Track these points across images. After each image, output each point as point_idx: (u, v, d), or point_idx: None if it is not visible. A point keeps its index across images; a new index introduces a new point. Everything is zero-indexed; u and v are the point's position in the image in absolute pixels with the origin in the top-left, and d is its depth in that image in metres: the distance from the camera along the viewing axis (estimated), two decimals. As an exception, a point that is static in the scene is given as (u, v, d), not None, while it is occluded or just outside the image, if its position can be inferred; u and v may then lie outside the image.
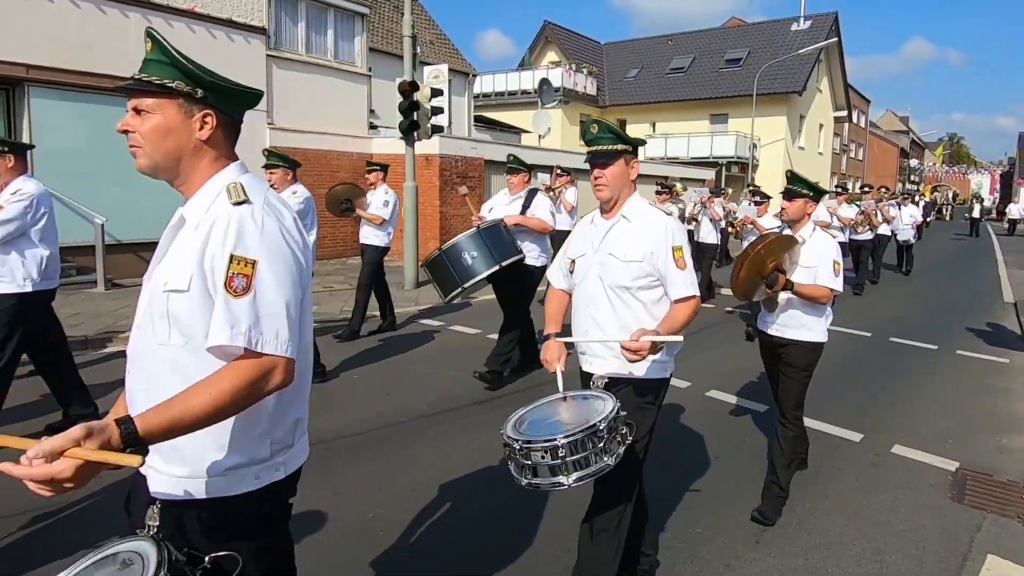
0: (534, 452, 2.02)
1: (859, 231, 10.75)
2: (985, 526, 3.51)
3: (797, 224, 3.68)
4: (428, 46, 18.66)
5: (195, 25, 10.79)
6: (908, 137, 61.04)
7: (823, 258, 3.49)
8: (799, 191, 3.62)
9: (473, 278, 4.94)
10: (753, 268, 3.32)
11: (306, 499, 3.51)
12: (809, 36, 28.04)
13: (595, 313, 2.51)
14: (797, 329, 3.59)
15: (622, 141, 2.44)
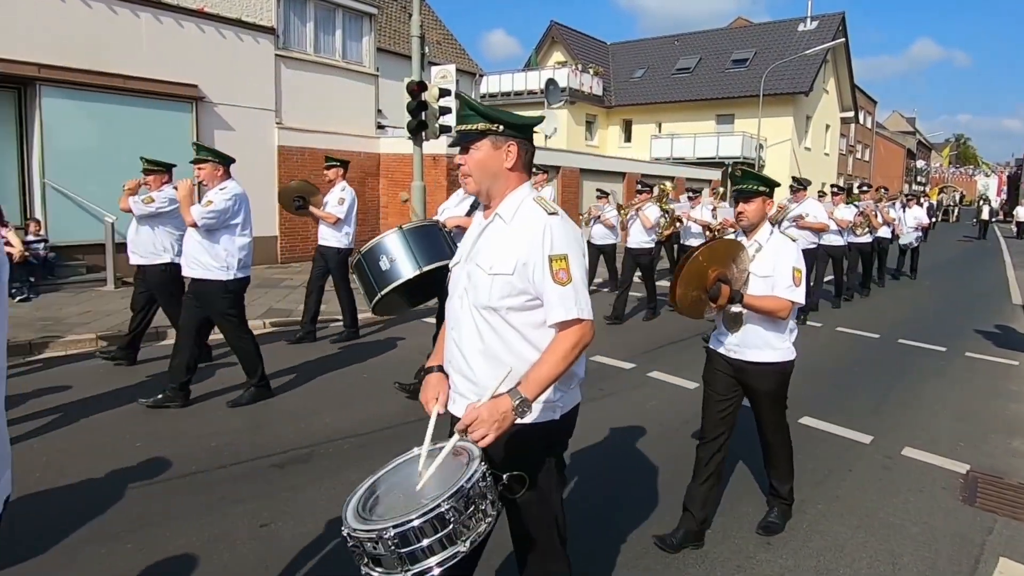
0: (368, 543, 1.59)
1: (858, 233, 10.15)
2: (997, 529, 3.48)
3: (755, 228, 3.16)
4: (435, 46, 18.69)
5: (204, 25, 10.82)
6: (915, 138, 60.70)
7: (782, 265, 3.01)
8: (755, 188, 3.12)
9: (391, 283, 4.32)
10: (691, 280, 2.86)
11: (314, 498, 3.52)
12: (816, 37, 27.90)
13: (458, 338, 1.96)
14: (760, 349, 3.09)
15: (486, 119, 1.90)
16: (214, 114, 10.97)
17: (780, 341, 3.12)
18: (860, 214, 10.05)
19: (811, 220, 8.15)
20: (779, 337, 3.11)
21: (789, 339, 3.17)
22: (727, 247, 2.99)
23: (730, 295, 2.91)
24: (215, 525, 3.22)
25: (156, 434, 4.30)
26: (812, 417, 5.01)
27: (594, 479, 3.90)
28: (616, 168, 19.21)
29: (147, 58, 10.12)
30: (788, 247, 3.08)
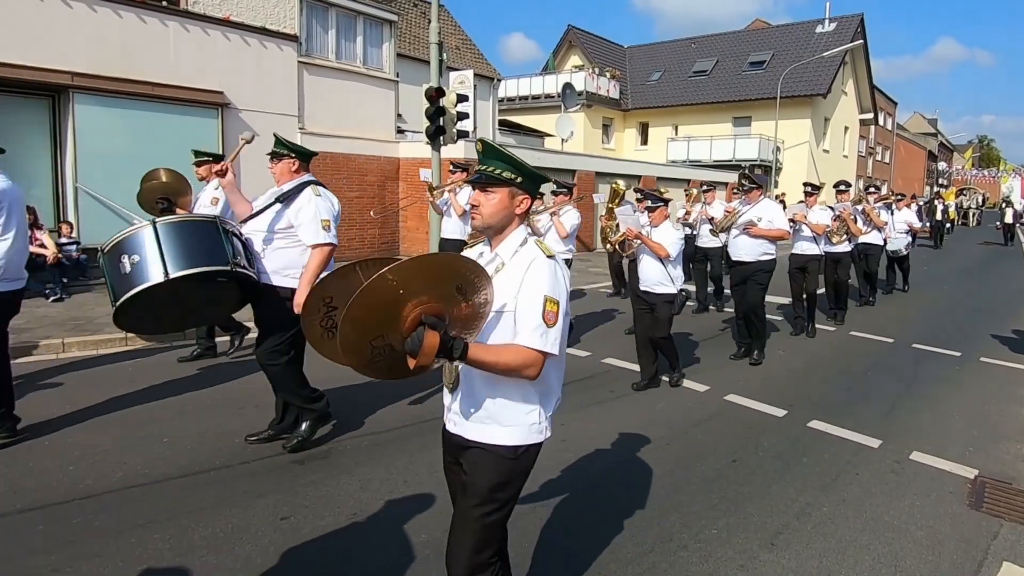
0: None
1: (834, 241, 8.41)
2: (1002, 534, 3.48)
3: (500, 235, 2.06)
4: (454, 51, 18.84)
5: (230, 33, 11.06)
6: (936, 140, 59.62)
7: (528, 294, 1.92)
8: (496, 174, 1.99)
9: (130, 290, 3.53)
10: (369, 317, 1.68)
11: (334, 493, 3.64)
12: (834, 38, 27.61)
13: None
14: (484, 425, 2.03)
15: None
16: (239, 120, 11.20)
17: (514, 414, 2.00)
18: (836, 218, 8.41)
19: (765, 226, 6.46)
20: (513, 408, 2.00)
21: (536, 415, 2.03)
22: (447, 263, 1.80)
23: (442, 346, 1.70)
24: (238, 517, 3.34)
25: (183, 430, 4.45)
26: (821, 421, 5.02)
27: (602, 478, 3.96)
28: (632, 171, 19.19)
29: (175, 66, 10.37)
30: (541, 267, 1.94)
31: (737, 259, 6.63)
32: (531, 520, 3.44)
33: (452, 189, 7.49)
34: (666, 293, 5.51)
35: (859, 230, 8.87)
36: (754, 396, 5.58)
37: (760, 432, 4.84)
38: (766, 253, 6.54)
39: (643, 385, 5.74)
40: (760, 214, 6.50)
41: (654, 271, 5.53)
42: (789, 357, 7.09)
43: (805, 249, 7.92)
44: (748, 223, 6.46)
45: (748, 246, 6.52)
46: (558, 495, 3.72)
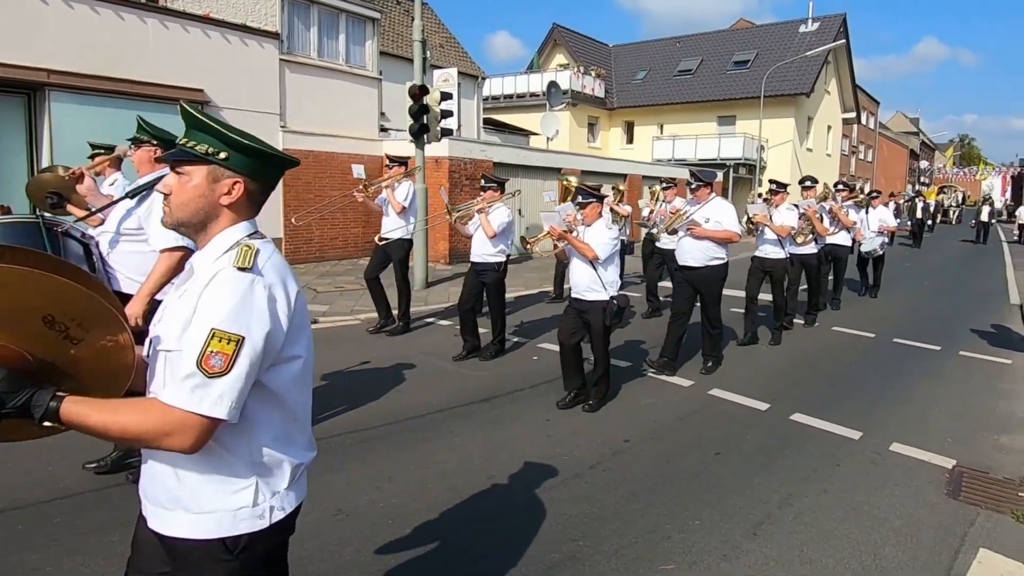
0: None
1: (799, 241, 7.99)
2: (979, 521, 3.59)
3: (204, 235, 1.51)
4: (438, 49, 18.84)
5: (210, 30, 11.00)
6: (918, 139, 60.60)
7: (193, 327, 1.34)
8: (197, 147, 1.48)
9: None
10: None
11: (320, 490, 3.66)
12: (817, 38, 27.96)
13: None
14: (168, 511, 1.47)
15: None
16: (219, 118, 11.13)
17: (210, 496, 1.44)
18: (801, 216, 7.89)
19: (712, 227, 5.87)
20: (207, 487, 1.44)
21: (251, 490, 1.47)
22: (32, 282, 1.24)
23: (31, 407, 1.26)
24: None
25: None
26: (804, 414, 5.12)
27: (588, 472, 4.02)
28: (617, 170, 19.32)
29: (153, 63, 10.29)
30: (220, 286, 1.37)
31: (683, 263, 6.11)
32: (516, 513, 3.49)
33: (389, 185, 7.08)
34: (597, 300, 4.90)
35: (825, 229, 8.29)
36: (738, 390, 5.67)
37: (744, 426, 4.92)
38: (715, 258, 5.95)
39: (568, 400, 5.08)
40: (708, 214, 5.95)
41: (584, 275, 4.91)
42: (773, 352, 7.20)
43: (769, 252, 7.37)
44: (692, 224, 5.94)
45: (694, 249, 6.01)
46: (544, 489, 3.77)
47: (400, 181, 7.08)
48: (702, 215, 5.95)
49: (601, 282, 4.88)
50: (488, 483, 3.82)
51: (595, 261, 4.86)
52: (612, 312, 4.88)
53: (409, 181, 7.26)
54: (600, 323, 4.92)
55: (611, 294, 4.91)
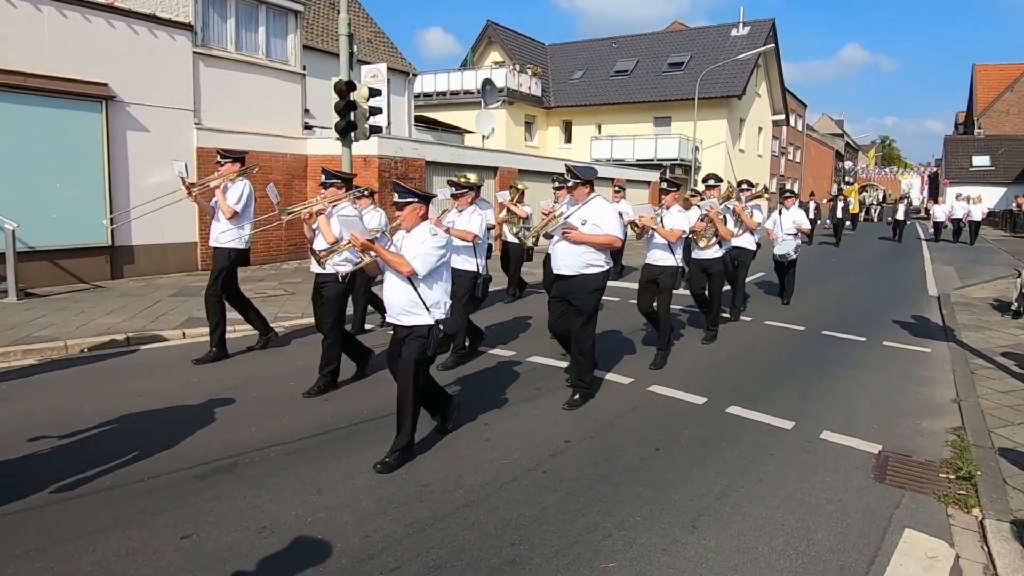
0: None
1: (701, 245, 7.36)
2: (904, 503, 3.82)
3: None
4: (366, 44, 18.58)
5: (115, 20, 10.43)
6: (843, 140, 64.39)
7: None
8: None
9: None
10: None
11: (243, 508, 3.51)
12: (748, 42, 29.30)
13: None
14: None
15: None
16: (127, 114, 10.57)
17: None
18: (703, 218, 7.23)
19: (589, 230, 5.19)
20: None
21: None
22: None
23: None
24: (133, 539, 3.16)
25: (66, 450, 4.16)
26: (739, 406, 5.32)
27: (526, 474, 4.02)
28: (555, 169, 19.52)
29: (51, 55, 9.66)
30: None
31: (557, 271, 5.34)
32: (452, 520, 3.45)
33: (219, 185, 6.23)
34: (416, 325, 4.14)
35: (729, 232, 7.54)
36: (676, 386, 5.83)
37: (682, 420, 5.07)
38: (592, 265, 5.22)
39: None
40: (586, 216, 5.22)
41: (398, 295, 4.18)
42: (709, 347, 7.45)
43: (657, 259, 6.54)
44: (566, 227, 5.20)
45: (568, 256, 5.23)
46: (481, 494, 3.75)
47: (234, 181, 6.23)
48: (578, 217, 5.25)
49: (423, 303, 4.05)
50: (422, 491, 3.77)
51: (413, 277, 4.02)
52: (437, 340, 4.05)
53: (245, 181, 6.33)
54: (412, 353, 4.02)
55: (436, 318, 4.07)
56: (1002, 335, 8.24)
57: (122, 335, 6.94)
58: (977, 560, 3.29)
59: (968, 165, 37.97)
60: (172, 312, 8.15)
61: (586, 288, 5.24)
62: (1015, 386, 6.06)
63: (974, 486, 3.96)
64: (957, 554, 3.33)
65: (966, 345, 7.61)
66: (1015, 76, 41.44)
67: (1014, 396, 5.74)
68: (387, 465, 3.99)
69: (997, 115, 41.16)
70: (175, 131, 11.24)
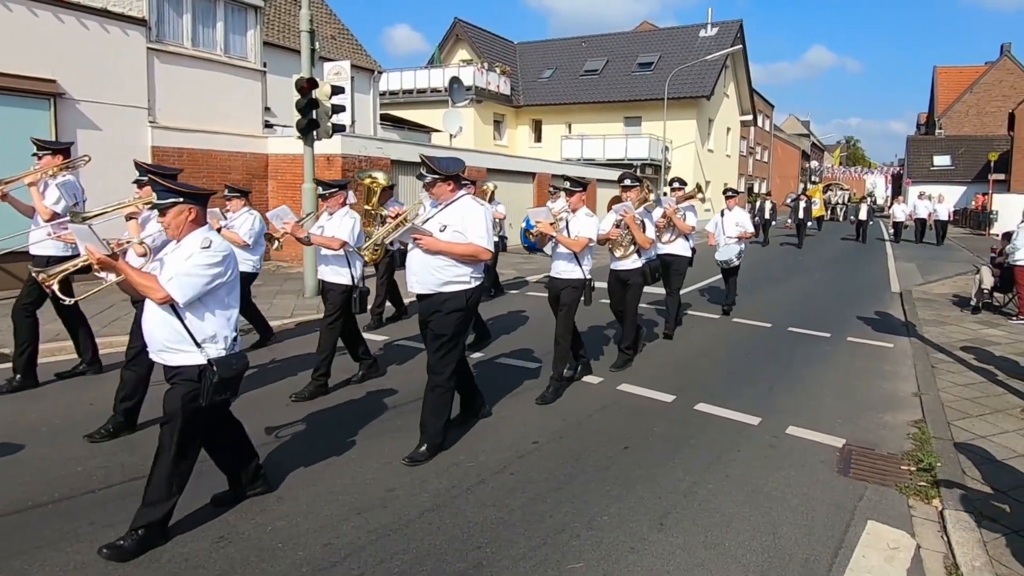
0: None
1: (617, 255, 6.41)
2: (867, 495, 3.92)
3: None
4: (329, 41, 18.37)
5: (63, 14, 10.12)
6: (809, 140, 65.92)
7: None
8: None
9: None
10: None
11: (198, 517, 3.43)
12: (716, 43, 29.76)
13: None
14: None
15: None
16: (77, 112, 10.27)
17: None
18: (618, 224, 6.36)
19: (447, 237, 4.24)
20: None
21: None
22: None
23: None
24: (83, 553, 3.06)
25: (15, 461, 4.02)
26: (707, 403, 5.40)
27: (494, 476, 4.02)
28: (525, 168, 19.62)
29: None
30: None
31: (411, 289, 4.42)
32: (418, 524, 3.43)
33: (35, 182, 5.34)
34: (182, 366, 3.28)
35: (647, 240, 6.35)
36: (645, 384, 5.89)
37: (651, 418, 5.12)
38: (453, 281, 4.25)
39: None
40: (447, 220, 4.27)
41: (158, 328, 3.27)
42: (677, 345, 7.55)
43: (560, 271, 5.63)
44: (416, 233, 4.24)
45: (423, 269, 4.26)
46: (447, 497, 3.74)
47: (55, 175, 5.39)
48: (438, 221, 4.29)
49: (191, 338, 3.20)
50: (386, 496, 3.73)
51: (173, 304, 3.16)
52: (211, 386, 3.17)
53: (69, 177, 5.50)
54: (176, 403, 3.16)
55: (209, 356, 3.20)
56: (961, 330, 8.53)
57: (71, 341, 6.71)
58: (937, 550, 3.39)
59: (930, 165, 39.16)
60: (127, 317, 7.93)
61: (443, 309, 4.25)
62: (974, 379, 6.27)
63: (934, 478, 4.09)
64: (918, 544, 3.42)
65: (927, 340, 7.85)
66: (974, 78, 42.93)
67: (973, 389, 5.94)
68: (117, 550, 3.04)
69: (957, 116, 42.57)
70: (129, 129, 10.96)
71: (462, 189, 4.49)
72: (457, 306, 4.29)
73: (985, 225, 30.03)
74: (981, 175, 34.38)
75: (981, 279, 9.77)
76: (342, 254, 5.49)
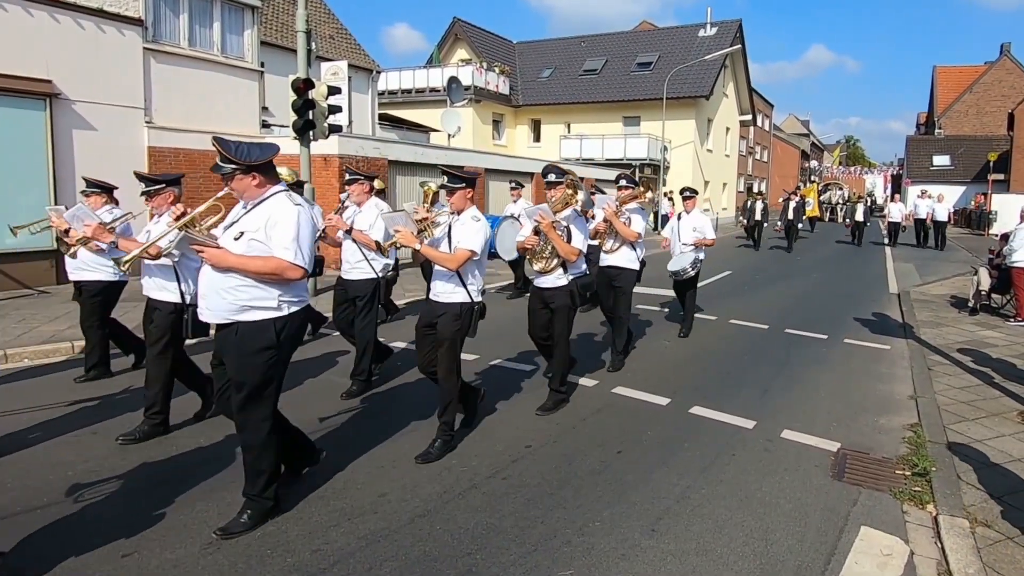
0: None
1: (537, 268, 5.22)
2: (861, 500, 3.89)
3: None
4: (327, 41, 18.34)
5: (59, 14, 10.11)
6: (808, 140, 65.86)
7: None
8: None
9: None
10: None
11: (189, 522, 3.41)
12: (715, 42, 29.73)
13: None
14: None
15: None
16: (72, 112, 10.25)
17: None
18: (536, 232, 5.07)
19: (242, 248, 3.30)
20: None
21: None
22: None
23: None
24: (70, 561, 3.04)
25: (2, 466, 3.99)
26: (702, 406, 5.38)
27: (485, 482, 3.99)
28: (523, 168, 19.58)
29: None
30: None
31: (202, 317, 3.53)
32: (408, 530, 3.41)
33: None
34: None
35: (572, 251, 5.03)
36: (641, 387, 5.87)
37: (645, 421, 5.09)
38: (252, 306, 3.29)
39: None
40: (246, 226, 3.33)
41: None
42: (674, 347, 7.52)
43: (439, 292, 4.43)
44: (194, 242, 3.37)
45: (211, 291, 3.33)
46: (439, 502, 3.71)
47: None
48: (238, 228, 3.34)
49: None
50: (377, 501, 3.71)
51: None
52: None
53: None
54: None
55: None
56: (959, 331, 8.50)
57: (67, 343, 6.71)
58: (931, 556, 3.37)
59: (929, 164, 39.14)
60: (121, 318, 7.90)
61: (243, 349, 3.27)
62: (971, 382, 6.25)
63: (929, 482, 4.06)
64: (912, 551, 3.40)
65: (924, 342, 7.83)
66: (973, 78, 42.91)
67: (969, 392, 5.92)
68: None
69: (957, 116, 42.55)
70: (125, 130, 10.94)
71: (275, 184, 3.41)
72: (263, 343, 3.27)
73: (984, 225, 30.00)
74: (980, 175, 34.36)
75: (979, 280, 9.74)
76: (169, 264, 4.48)
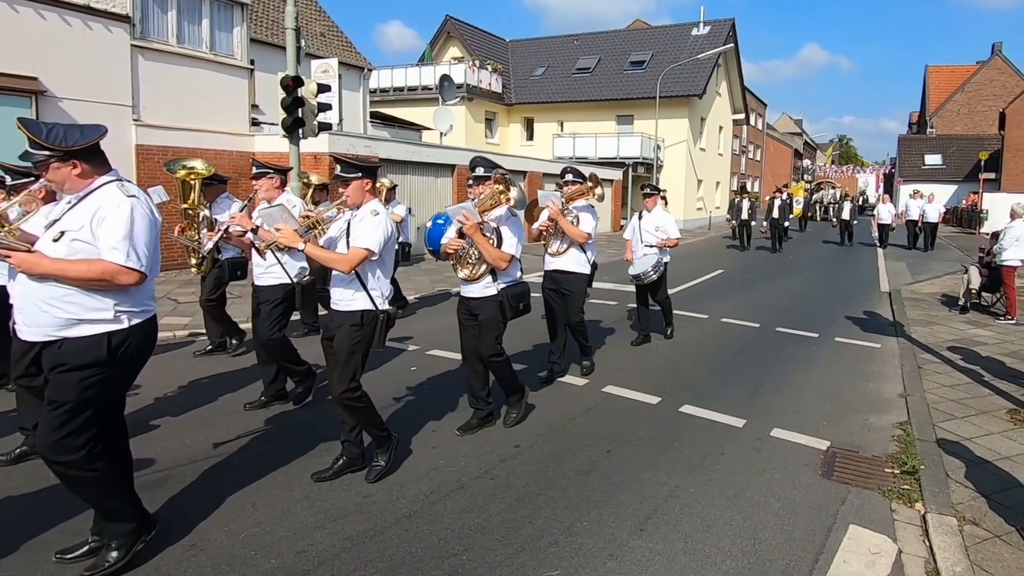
0: None
1: (462, 276, 4.70)
2: (849, 499, 3.89)
3: None
4: (318, 38, 18.26)
5: (45, 11, 10.02)
6: (802, 139, 66.17)
7: None
8: None
9: None
10: None
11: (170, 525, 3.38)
12: (708, 41, 29.77)
13: None
14: None
15: None
16: (59, 110, 10.17)
17: None
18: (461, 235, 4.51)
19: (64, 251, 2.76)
20: None
21: None
22: None
23: None
24: (48, 560, 3.00)
25: None
26: (692, 405, 5.37)
27: (473, 481, 3.97)
28: (516, 167, 19.55)
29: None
30: None
31: (21, 336, 2.94)
32: (394, 531, 3.38)
33: None
34: None
35: (501, 257, 4.47)
36: (631, 386, 5.86)
37: (635, 420, 5.08)
38: (83, 320, 2.78)
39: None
40: (68, 224, 2.80)
41: None
42: (664, 346, 7.52)
43: (337, 300, 3.90)
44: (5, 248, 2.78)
45: (28, 304, 2.82)
46: (425, 503, 3.69)
47: None
48: (59, 227, 2.82)
49: None
50: (363, 502, 3.68)
51: None
52: None
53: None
54: None
55: None
56: (949, 330, 8.54)
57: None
58: (919, 555, 3.37)
59: (921, 164, 39.33)
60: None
61: (68, 362, 2.76)
62: (960, 380, 6.27)
63: (918, 480, 4.06)
64: (900, 549, 3.40)
65: (914, 340, 7.86)
66: (965, 77, 43.15)
67: (958, 390, 5.94)
68: None
69: (948, 115, 42.78)
70: (112, 127, 10.77)
71: (103, 174, 2.90)
72: (91, 358, 2.76)
73: (975, 224, 30.18)
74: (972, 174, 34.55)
75: (969, 279, 9.79)
76: None
